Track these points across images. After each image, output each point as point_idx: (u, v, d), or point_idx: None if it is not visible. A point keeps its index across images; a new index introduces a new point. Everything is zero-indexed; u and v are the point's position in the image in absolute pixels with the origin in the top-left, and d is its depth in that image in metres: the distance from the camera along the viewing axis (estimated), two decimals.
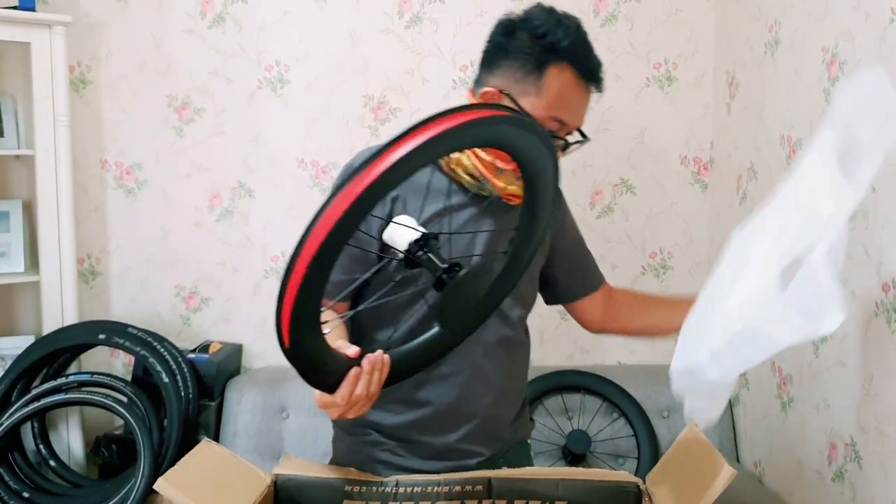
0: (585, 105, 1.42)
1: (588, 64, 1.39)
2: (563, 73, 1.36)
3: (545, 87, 1.36)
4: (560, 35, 1.36)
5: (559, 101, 1.37)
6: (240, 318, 2.62)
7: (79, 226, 2.41)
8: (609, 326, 1.72)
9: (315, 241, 0.97)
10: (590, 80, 1.40)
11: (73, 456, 2.38)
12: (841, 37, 1.78)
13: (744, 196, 2.34)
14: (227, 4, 2.51)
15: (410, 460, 1.50)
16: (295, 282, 0.98)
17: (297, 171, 2.58)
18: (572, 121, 1.40)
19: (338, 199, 0.94)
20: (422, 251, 1.16)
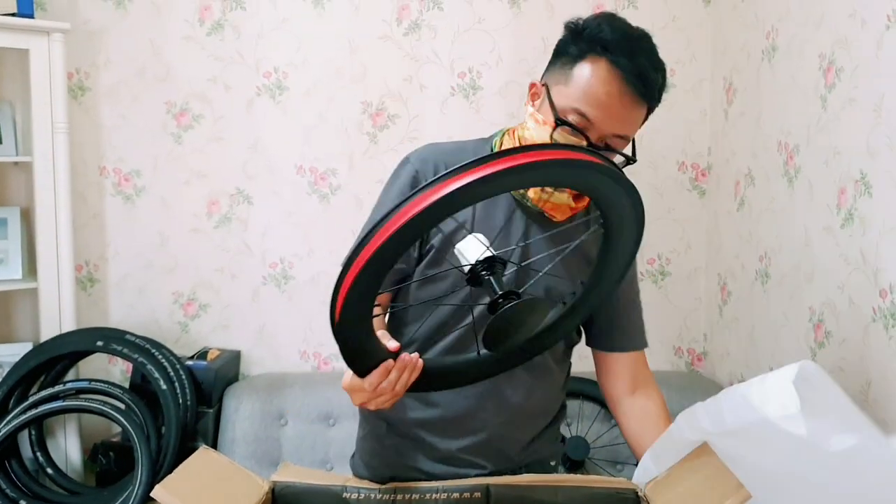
0: (622, 109, 1.30)
1: (628, 61, 1.28)
2: (597, 66, 1.29)
3: (574, 76, 1.31)
4: (602, 30, 1.30)
5: (585, 92, 1.29)
6: (238, 325, 2.62)
7: (77, 232, 2.41)
8: (619, 416, 1.58)
9: (390, 228, 0.98)
10: (629, 79, 1.28)
11: (71, 463, 2.38)
12: (837, 43, 1.79)
13: (741, 202, 2.35)
14: (226, 11, 2.52)
15: (416, 459, 1.50)
16: (361, 260, 1.00)
17: (296, 177, 2.58)
18: (600, 119, 1.29)
19: (422, 195, 0.97)
20: (486, 272, 1.16)
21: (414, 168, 1.43)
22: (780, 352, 2.10)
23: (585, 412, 2.48)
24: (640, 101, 1.31)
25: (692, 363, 2.69)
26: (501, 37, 2.54)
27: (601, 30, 1.30)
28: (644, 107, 1.33)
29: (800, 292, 1.98)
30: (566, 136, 1.31)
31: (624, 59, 1.28)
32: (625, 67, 1.28)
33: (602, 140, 1.31)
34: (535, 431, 1.54)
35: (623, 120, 1.31)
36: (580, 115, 1.30)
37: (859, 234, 1.70)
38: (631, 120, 1.32)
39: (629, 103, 1.30)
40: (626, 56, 1.28)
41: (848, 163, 1.74)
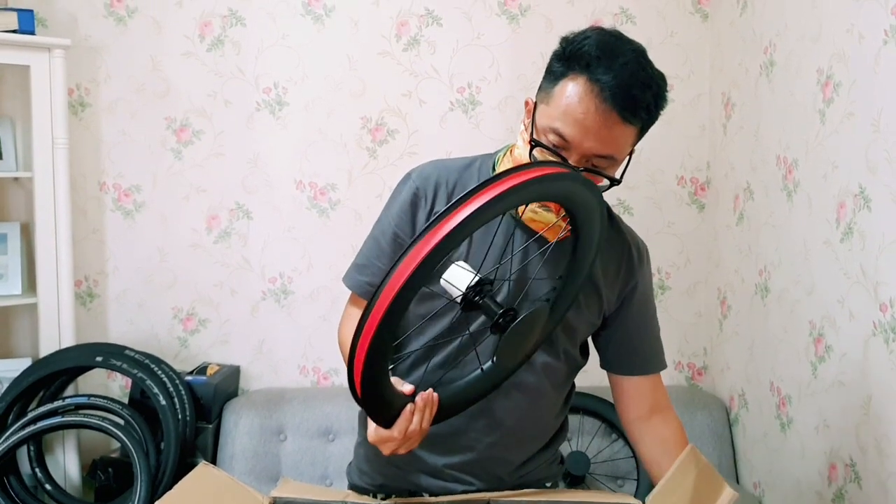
0: (603, 129, 1.22)
1: (611, 78, 1.21)
2: (577, 84, 1.23)
3: (555, 94, 1.26)
4: (585, 45, 1.25)
5: (563, 112, 1.23)
6: (237, 340, 2.62)
7: (76, 248, 2.41)
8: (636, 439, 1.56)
9: (384, 302, 1.02)
10: (609, 97, 1.21)
11: (70, 479, 2.37)
12: (835, 58, 1.79)
13: (741, 216, 2.35)
14: (226, 27, 2.53)
15: (406, 470, 1.49)
16: (366, 337, 1.04)
17: (295, 192, 2.58)
18: (578, 140, 1.23)
19: (406, 259, 1.01)
20: (478, 296, 1.17)
21: (415, 185, 1.42)
22: (780, 366, 2.10)
23: (586, 427, 2.48)
24: (622, 120, 1.23)
25: (692, 377, 2.69)
26: (500, 52, 2.55)
27: (584, 45, 1.25)
28: (630, 126, 1.25)
29: (800, 306, 1.98)
30: (545, 155, 1.28)
31: (606, 75, 1.21)
32: (606, 84, 1.21)
33: (584, 161, 1.25)
34: (528, 454, 1.52)
35: (604, 140, 1.24)
36: (558, 135, 1.25)
37: (859, 248, 1.70)
38: (613, 140, 1.25)
39: (610, 122, 1.22)
40: (609, 72, 1.22)
41: (847, 177, 1.75)
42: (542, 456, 1.56)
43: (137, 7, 2.51)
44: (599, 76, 1.21)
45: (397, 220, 1.42)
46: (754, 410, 2.29)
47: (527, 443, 1.51)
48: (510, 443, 1.47)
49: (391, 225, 1.42)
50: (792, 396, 2.03)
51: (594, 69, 1.22)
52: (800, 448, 1.99)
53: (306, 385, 2.65)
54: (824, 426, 1.87)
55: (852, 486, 1.74)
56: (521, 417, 1.46)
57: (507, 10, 2.55)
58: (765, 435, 2.22)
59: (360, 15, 2.54)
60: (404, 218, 1.41)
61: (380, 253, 1.43)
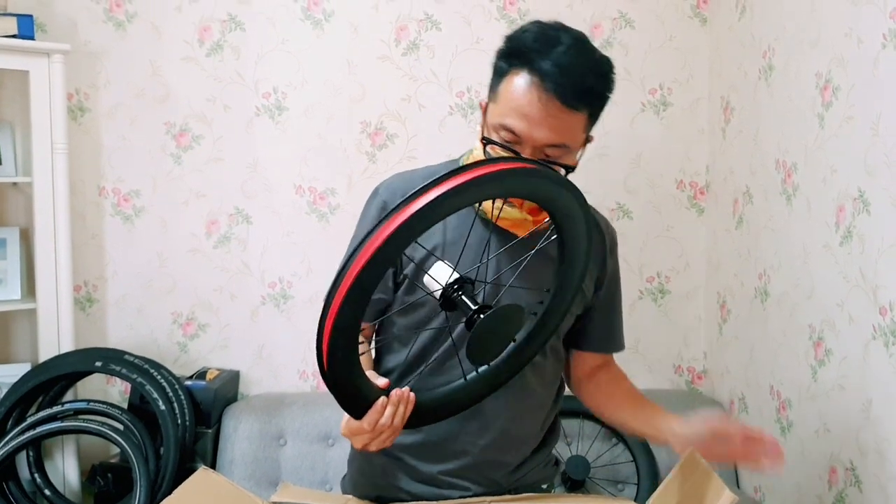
0: (549, 118, 1.24)
1: (551, 66, 1.23)
2: (519, 77, 1.26)
3: (500, 91, 1.29)
4: (524, 39, 1.28)
5: (509, 107, 1.26)
6: (237, 345, 2.61)
7: (76, 253, 2.41)
8: (582, 393, 1.64)
9: (356, 268, 1.02)
10: (551, 85, 1.23)
11: (69, 485, 2.36)
12: (834, 62, 1.80)
13: (740, 220, 2.35)
14: (225, 32, 2.53)
15: (401, 479, 1.50)
16: (335, 305, 1.04)
17: (295, 197, 2.58)
18: (527, 132, 1.25)
19: (379, 230, 1.01)
20: (457, 293, 1.18)
21: (382, 199, 1.45)
22: (780, 370, 2.10)
23: (586, 431, 2.47)
24: (567, 107, 1.25)
25: (692, 381, 2.69)
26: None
27: (523, 40, 1.28)
28: (577, 113, 1.27)
29: (799, 310, 1.98)
30: (498, 152, 1.30)
31: (546, 64, 1.23)
32: (546, 73, 1.23)
33: (537, 152, 1.27)
34: (523, 456, 1.52)
35: (552, 129, 1.25)
36: (508, 131, 1.27)
37: (858, 251, 1.70)
38: (562, 128, 1.26)
39: (556, 111, 1.24)
40: (548, 62, 1.23)
41: (846, 181, 1.75)
42: (537, 458, 1.57)
43: (137, 12, 2.51)
44: (540, 67, 1.23)
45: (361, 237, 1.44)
46: (754, 414, 2.29)
47: (520, 444, 1.51)
48: (504, 444, 1.47)
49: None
50: (792, 400, 2.03)
51: (535, 61, 1.24)
52: (800, 452, 1.99)
53: (306, 390, 2.64)
54: (824, 430, 1.86)
55: (853, 490, 1.74)
56: (511, 417, 1.46)
57: (507, 15, 2.55)
58: None
59: (360, 20, 2.54)
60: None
61: None
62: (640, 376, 2.66)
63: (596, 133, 2.57)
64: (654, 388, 2.64)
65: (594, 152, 2.57)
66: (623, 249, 2.59)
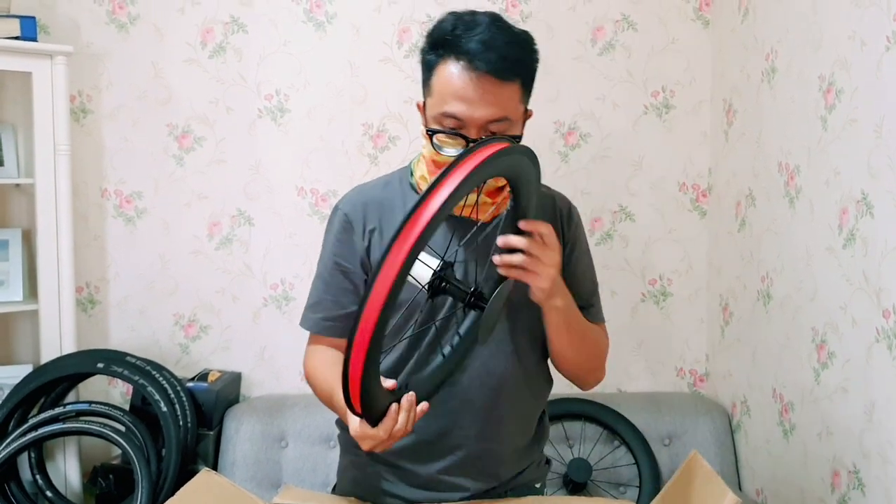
0: (485, 94, 1.29)
1: (473, 45, 1.28)
2: (447, 65, 1.31)
3: (433, 84, 1.34)
4: (442, 28, 1.33)
5: (444, 94, 1.31)
6: (239, 347, 2.61)
7: (78, 254, 2.41)
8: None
9: (369, 322, 1.03)
10: (478, 63, 1.27)
11: (70, 486, 2.36)
12: (837, 65, 1.80)
13: (742, 222, 2.35)
14: (228, 34, 2.53)
15: (397, 486, 1.50)
16: (359, 358, 1.05)
17: (297, 199, 2.58)
18: (467, 113, 1.29)
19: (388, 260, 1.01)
20: (444, 282, 1.20)
21: (343, 212, 1.49)
22: (783, 372, 2.10)
23: (588, 434, 2.47)
24: (498, 79, 1.29)
25: (694, 384, 2.68)
26: None
27: (443, 30, 1.32)
28: (509, 83, 1.31)
29: (802, 313, 1.98)
30: (445, 140, 1.34)
31: (471, 45, 1.28)
32: (470, 53, 1.28)
33: (482, 131, 1.31)
34: (514, 446, 1.52)
35: (491, 104, 1.29)
36: (449, 117, 1.31)
37: (861, 254, 1.70)
38: (499, 101, 1.30)
39: (489, 85, 1.28)
40: (471, 42, 1.28)
41: (849, 183, 1.75)
42: (531, 454, 1.57)
43: (139, 14, 2.51)
44: (466, 49, 1.28)
45: (336, 250, 1.49)
46: (756, 417, 2.29)
47: (512, 434, 1.51)
48: (496, 434, 1.48)
49: (332, 258, 1.49)
50: (794, 403, 2.03)
51: (459, 45, 1.29)
52: (803, 455, 1.98)
53: (308, 392, 2.62)
54: (827, 433, 1.86)
55: (856, 493, 1.73)
56: (500, 404, 1.47)
57: (509, 18, 2.54)
58: (767, 442, 2.21)
59: (362, 22, 2.54)
60: (342, 247, 1.48)
61: (326, 287, 1.49)
62: (641, 379, 2.66)
63: (598, 135, 2.59)
64: (655, 391, 2.64)
65: (596, 154, 2.58)
66: (625, 252, 2.61)
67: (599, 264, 2.58)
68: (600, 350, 1.55)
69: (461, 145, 1.32)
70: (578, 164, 2.59)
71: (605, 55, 2.57)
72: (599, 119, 2.58)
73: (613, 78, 2.58)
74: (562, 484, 2.43)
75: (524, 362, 1.51)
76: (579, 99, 2.58)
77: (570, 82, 2.57)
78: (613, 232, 2.62)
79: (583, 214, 2.56)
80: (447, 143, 1.34)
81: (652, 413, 2.48)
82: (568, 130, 2.58)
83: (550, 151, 2.58)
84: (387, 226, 1.46)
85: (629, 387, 2.67)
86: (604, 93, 2.58)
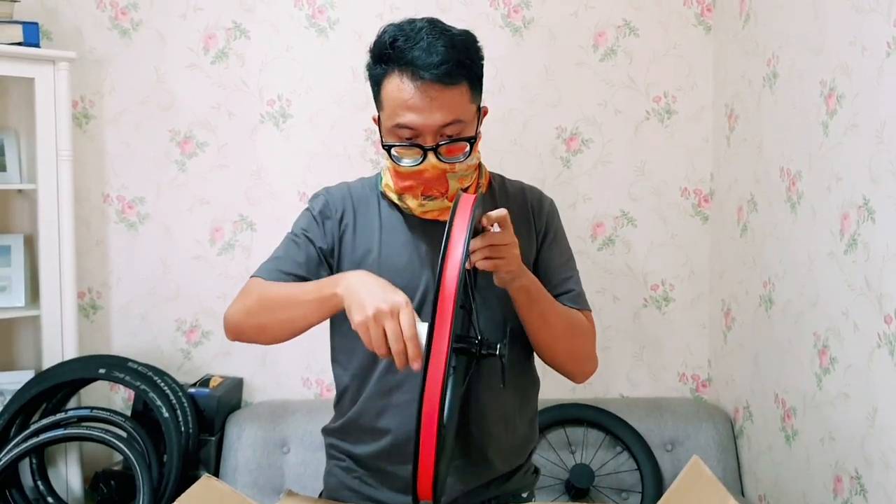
0: (434, 100, 1.30)
1: (413, 54, 1.30)
2: (392, 77, 1.33)
3: (382, 98, 1.36)
4: (382, 41, 1.35)
5: (394, 107, 1.33)
6: (240, 352, 2.61)
7: (80, 260, 2.41)
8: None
9: (433, 407, 1.02)
10: (420, 72, 1.29)
11: (72, 492, 2.36)
12: (838, 70, 1.80)
13: (744, 228, 2.35)
14: (230, 40, 2.54)
15: (380, 491, 1.49)
16: (430, 444, 1.04)
17: (300, 204, 2.58)
18: (420, 122, 1.31)
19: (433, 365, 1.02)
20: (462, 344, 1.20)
21: (325, 199, 1.56)
22: (784, 378, 2.09)
23: (590, 440, 2.47)
24: (443, 84, 1.30)
25: (696, 389, 2.68)
26: (504, 64, 2.55)
27: (384, 43, 1.34)
28: (455, 86, 1.32)
29: (804, 318, 1.98)
30: (402, 152, 1.36)
31: (412, 54, 1.29)
32: (416, 62, 1.29)
33: (438, 137, 1.33)
34: (496, 444, 1.48)
35: (441, 109, 1.31)
36: (403, 128, 1.33)
37: (863, 259, 1.70)
38: (449, 105, 1.31)
39: (436, 92, 1.30)
40: (412, 51, 1.30)
41: (851, 189, 1.75)
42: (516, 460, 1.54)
43: (142, 20, 2.52)
44: (408, 59, 1.30)
45: (307, 225, 1.53)
46: (759, 423, 2.28)
47: (491, 433, 1.47)
48: (474, 431, 1.45)
49: (302, 232, 1.53)
50: (797, 408, 2.03)
51: (402, 56, 1.31)
52: (805, 460, 1.98)
53: (310, 397, 2.64)
54: (829, 438, 1.86)
55: (858, 499, 1.73)
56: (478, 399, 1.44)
57: (511, 23, 2.55)
58: (770, 447, 2.21)
59: (364, 27, 2.54)
60: (314, 224, 1.52)
61: (287, 248, 1.53)
62: (643, 384, 2.66)
63: (600, 140, 2.59)
64: (658, 396, 2.63)
65: (598, 159, 2.58)
66: (627, 257, 2.61)
67: (601, 269, 2.60)
68: (581, 333, 1.49)
69: (418, 154, 1.34)
70: (580, 169, 2.59)
71: (606, 61, 2.57)
72: (601, 124, 2.58)
73: (615, 83, 2.58)
74: (564, 490, 2.42)
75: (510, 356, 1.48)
76: (581, 104, 2.58)
77: (571, 88, 2.57)
78: (615, 237, 2.62)
79: (585, 220, 2.59)
80: (405, 154, 1.37)
81: (654, 418, 2.48)
82: (570, 136, 2.58)
83: (552, 157, 2.58)
84: (359, 224, 1.50)
85: (631, 392, 2.66)
86: (605, 98, 2.58)
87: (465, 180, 1.41)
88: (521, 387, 1.56)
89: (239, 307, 1.44)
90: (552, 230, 1.57)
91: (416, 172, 1.37)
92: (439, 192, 1.39)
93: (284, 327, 1.37)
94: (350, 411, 1.50)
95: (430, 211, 1.43)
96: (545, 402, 2.47)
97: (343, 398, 1.54)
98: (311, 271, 1.47)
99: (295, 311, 1.33)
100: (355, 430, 1.50)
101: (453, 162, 1.36)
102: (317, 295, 1.29)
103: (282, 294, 1.37)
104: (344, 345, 1.52)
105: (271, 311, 1.38)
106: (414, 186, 1.39)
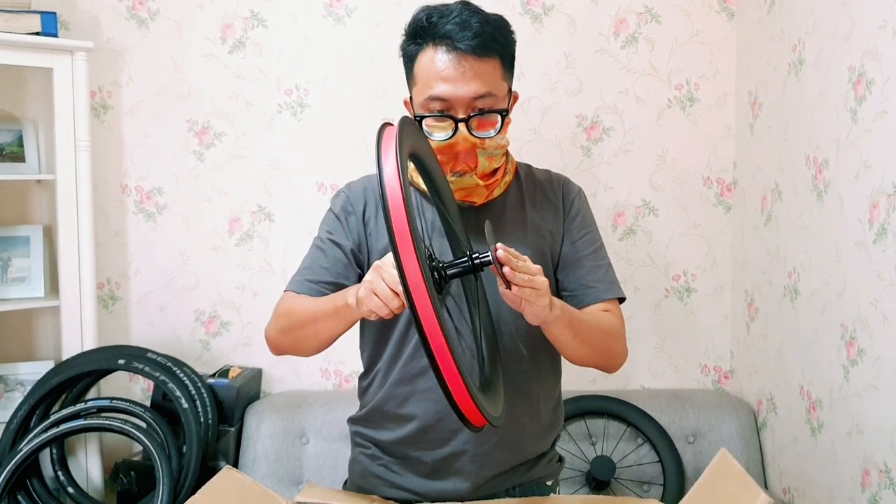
0: (467, 71, 1.35)
1: (447, 27, 1.36)
2: (426, 51, 1.38)
3: (415, 73, 1.41)
4: (418, 19, 1.39)
5: (428, 79, 1.37)
6: (259, 343, 2.60)
7: (99, 250, 2.42)
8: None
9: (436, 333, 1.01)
10: (454, 44, 1.35)
11: (92, 482, 2.37)
12: (867, 55, 1.76)
13: (768, 217, 2.31)
14: (248, 29, 2.52)
15: (405, 477, 1.49)
16: (449, 366, 1.02)
17: (317, 194, 2.57)
18: (452, 93, 1.35)
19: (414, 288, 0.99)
20: (441, 271, 1.18)
21: (346, 195, 1.58)
22: (810, 369, 2.06)
23: (611, 432, 2.44)
24: (476, 56, 1.35)
25: (719, 381, 2.65)
26: (523, 53, 2.49)
27: (419, 22, 1.39)
28: (489, 59, 1.36)
29: (831, 309, 1.94)
30: (435, 124, 1.39)
31: (447, 28, 1.35)
32: (446, 35, 1.35)
33: (469, 109, 1.37)
34: (521, 428, 1.48)
35: (474, 80, 1.35)
36: (436, 100, 1.37)
37: (893, 249, 1.66)
38: (482, 77, 1.36)
39: (470, 63, 1.35)
40: (447, 26, 1.35)
41: (881, 176, 1.71)
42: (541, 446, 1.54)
43: (159, 9, 2.51)
44: (443, 33, 1.36)
45: (332, 227, 1.54)
46: (783, 415, 2.25)
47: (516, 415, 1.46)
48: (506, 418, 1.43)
49: (327, 234, 1.54)
50: (823, 400, 1.99)
51: (437, 31, 1.37)
52: (831, 453, 1.95)
53: (328, 388, 2.63)
54: (857, 431, 1.82)
55: (887, 493, 1.70)
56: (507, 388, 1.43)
57: (531, 10, 2.52)
58: (794, 440, 2.18)
59: (382, 16, 2.52)
60: (338, 225, 1.53)
61: (316, 256, 1.53)
62: (665, 375, 2.63)
63: (621, 129, 2.55)
64: (679, 388, 2.60)
65: (620, 148, 2.55)
66: (648, 247, 2.58)
67: (622, 259, 2.57)
68: (612, 337, 1.49)
69: (450, 127, 1.37)
70: (601, 158, 2.56)
71: (627, 48, 2.54)
72: (622, 113, 2.55)
73: (636, 71, 2.54)
74: (585, 482, 2.40)
75: (525, 343, 1.49)
76: (602, 92, 2.54)
77: (592, 76, 2.54)
78: (637, 227, 2.59)
79: (606, 209, 2.56)
80: (436, 128, 1.39)
81: (676, 410, 2.45)
82: (591, 124, 2.55)
83: (573, 146, 2.55)
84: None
85: (653, 384, 2.64)
86: (627, 86, 2.54)
87: (494, 161, 1.43)
88: (546, 368, 1.55)
89: (274, 326, 1.53)
90: (580, 216, 1.56)
91: (448, 146, 1.38)
92: (469, 166, 1.40)
93: (316, 341, 1.44)
94: (376, 398, 1.52)
95: (458, 190, 1.43)
96: (566, 394, 2.44)
97: (370, 386, 1.55)
98: (340, 274, 1.49)
99: (320, 327, 1.40)
100: (380, 416, 1.51)
101: (484, 137, 1.38)
102: (334, 309, 1.34)
103: (307, 311, 1.42)
104: (369, 333, 1.55)
105: (301, 328, 1.44)
106: (444, 162, 1.40)
